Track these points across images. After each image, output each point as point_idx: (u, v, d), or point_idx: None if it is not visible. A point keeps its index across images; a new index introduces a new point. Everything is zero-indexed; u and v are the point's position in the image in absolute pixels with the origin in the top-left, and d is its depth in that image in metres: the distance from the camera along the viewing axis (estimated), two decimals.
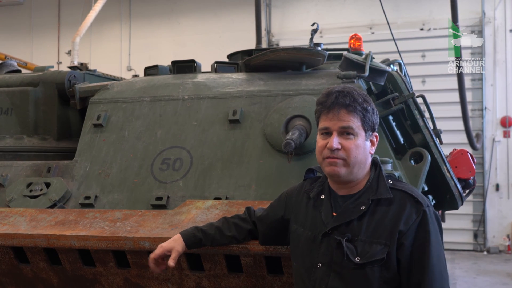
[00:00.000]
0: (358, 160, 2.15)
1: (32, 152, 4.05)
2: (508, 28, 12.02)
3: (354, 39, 4.46)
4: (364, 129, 2.16)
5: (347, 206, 2.16)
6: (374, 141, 2.22)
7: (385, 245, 2.04)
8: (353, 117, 2.14)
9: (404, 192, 2.12)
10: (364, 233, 2.08)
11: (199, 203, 3.08)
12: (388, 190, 2.12)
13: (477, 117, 11.97)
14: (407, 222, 2.05)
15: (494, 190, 11.92)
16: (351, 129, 2.13)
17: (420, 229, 2.05)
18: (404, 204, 2.08)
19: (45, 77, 4.17)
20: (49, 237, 2.95)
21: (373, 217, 2.10)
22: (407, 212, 2.06)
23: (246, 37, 11.72)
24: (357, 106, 2.13)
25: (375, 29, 12.29)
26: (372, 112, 2.18)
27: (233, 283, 2.93)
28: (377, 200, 2.12)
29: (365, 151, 2.17)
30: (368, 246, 2.06)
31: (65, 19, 15.03)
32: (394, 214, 2.07)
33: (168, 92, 3.74)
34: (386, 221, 2.07)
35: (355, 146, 2.14)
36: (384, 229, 2.06)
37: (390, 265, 2.04)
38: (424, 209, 2.07)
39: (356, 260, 2.05)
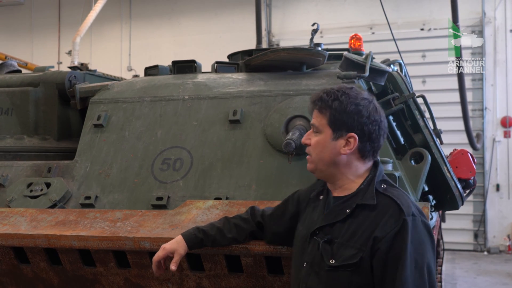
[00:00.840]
0: (320, 158, 2.20)
1: (33, 152, 4.05)
2: (509, 28, 12.02)
3: (354, 39, 4.46)
4: (332, 127, 2.16)
5: (333, 208, 2.18)
6: (350, 142, 2.16)
7: (359, 249, 2.02)
8: (319, 115, 2.20)
9: (390, 198, 2.08)
10: (343, 236, 2.08)
11: (200, 203, 3.08)
12: (373, 196, 2.10)
13: (478, 117, 11.96)
14: (383, 229, 2.00)
15: (495, 190, 11.91)
16: (314, 126, 2.22)
17: (397, 238, 1.98)
18: (385, 211, 2.04)
19: (46, 77, 4.17)
20: (49, 237, 2.95)
21: (354, 221, 2.08)
22: (385, 219, 2.02)
23: (247, 37, 11.72)
24: (323, 104, 2.18)
25: (375, 29, 12.28)
26: (342, 110, 2.15)
27: (233, 283, 2.93)
28: (362, 205, 2.10)
29: (330, 150, 2.17)
30: (343, 249, 2.05)
31: (66, 19, 15.03)
32: (375, 220, 2.04)
33: (168, 92, 3.74)
34: (364, 226, 2.05)
35: (317, 143, 2.21)
36: (362, 234, 2.04)
37: (362, 270, 2.02)
38: (405, 217, 1.99)
39: (331, 262, 2.07)
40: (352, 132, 2.15)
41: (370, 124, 2.16)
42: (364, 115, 2.15)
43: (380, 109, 2.23)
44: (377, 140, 2.19)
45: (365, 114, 2.15)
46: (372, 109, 2.17)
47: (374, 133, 2.16)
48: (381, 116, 2.20)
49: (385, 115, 3.38)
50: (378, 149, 2.22)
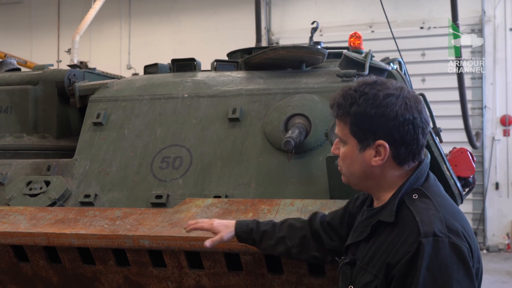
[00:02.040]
0: (351, 172, 1.86)
1: (32, 150, 4.04)
2: (508, 26, 12.03)
3: (354, 38, 4.46)
4: (356, 137, 1.82)
5: (359, 224, 1.91)
6: (380, 151, 1.79)
7: (375, 276, 1.72)
8: (341, 124, 1.86)
9: (411, 213, 1.72)
10: (363, 258, 1.80)
11: (199, 201, 3.08)
12: (392, 212, 1.76)
13: (477, 115, 11.98)
14: (397, 253, 1.67)
15: (494, 189, 11.93)
16: (339, 136, 1.88)
17: (411, 265, 1.63)
18: (404, 230, 1.70)
19: (45, 75, 4.16)
20: (49, 236, 2.95)
21: (376, 240, 1.78)
22: (402, 240, 1.68)
23: (246, 35, 11.72)
24: (340, 111, 1.84)
25: (375, 28, 12.29)
26: (363, 115, 1.78)
27: (232, 281, 2.93)
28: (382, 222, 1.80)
29: (360, 163, 1.83)
30: (362, 274, 1.78)
31: (65, 18, 15.03)
32: (393, 241, 1.72)
33: (167, 90, 3.74)
34: (383, 248, 1.74)
35: (343, 155, 1.87)
36: (379, 257, 1.73)
37: None
38: (420, 239, 1.62)
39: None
40: (380, 140, 1.78)
41: (400, 126, 1.76)
42: (390, 117, 1.76)
43: (414, 101, 1.83)
44: (414, 142, 1.80)
45: (392, 115, 1.76)
46: (400, 106, 1.77)
47: (408, 135, 1.77)
48: (413, 112, 1.78)
49: None
50: (418, 150, 1.83)
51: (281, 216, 2.81)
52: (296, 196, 3.09)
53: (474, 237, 1.77)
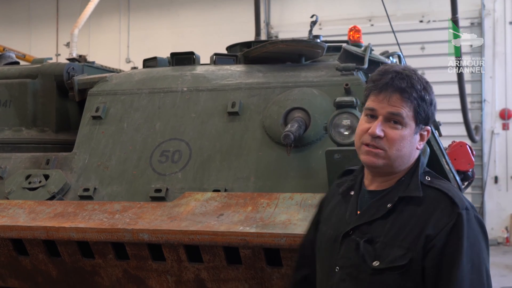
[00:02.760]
0: (401, 154, 1.87)
1: (31, 144, 4.04)
2: (508, 20, 12.00)
3: (353, 31, 4.45)
4: (416, 120, 1.86)
5: (372, 204, 1.91)
6: (424, 136, 1.92)
7: (408, 249, 1.77)
8: (405, 105, 1.85)
9: (439, 190, 1.83)
10: (387, 234, 1.82)
11: (198, 195, 3.08)
12: (419, 188, 1.85)
13: (476, 109, 11.96)
14: (437, 225, 1.76)
15: (493, 183, 11.93)
16: (400, 117, 1.84)
17: (452, 234, 1.74)
18: (436, 205, 1.80)
19: (44, 69, 4.16)
20: (48, 229, 2.95)
21: (399, 216, 1.83)
22: (438, 214, 1.78)
23: (245, 29, 11.68)
24: (413, 93, 1.85)
25: (374, 21, 12.26)
26: (429, 103, 1.88)
27: (232, 275, 2.93)
28: (406, 198, 1.85)
29: (411, 145, 1.88)
30: (389, 249, 1.79)
31: (64, 11, 14.98)
32: (423, 215, 1.79)
33: (167, 84, 3.73)
34: (412, 222, 1.80)
35: (400, 138, 1.85)
36: (410, 231, 1.79)
37: (412, 273, 1.77)
38: (460, 211, 1.76)
39: (374, 264, 1.80)
40: (428, 126, 1.92)
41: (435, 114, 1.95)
42: (435, 105, 1.91)
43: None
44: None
45: (435, 103, 1.92)
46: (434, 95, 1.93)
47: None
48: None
49: None
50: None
51: (280, 209, 2.82)
52: (295, 190, 3.09)
53: None
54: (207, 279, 2.99)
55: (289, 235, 2.62)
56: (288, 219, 2.74)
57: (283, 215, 2.78)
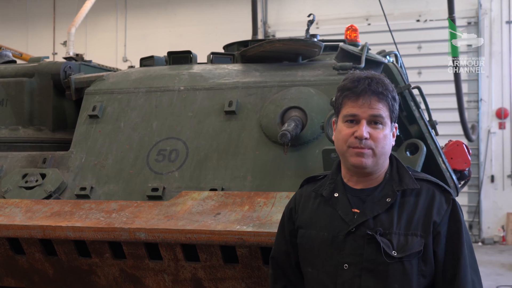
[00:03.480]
0: (385, 151, 2.04)
1: (28, 143, 4.04)
2: (504, 19, 12.02)
3: (350, 30, 4.45)
4: (391, 119, 2.06)
5: (372, 200, 2.03)
6: (394, 133, 2.11)
7: (421, 236, 1.95)
8: (383, 106, 2.02)
9: (430, 182, 2.06)
10: (397, 226, 1.96)
11: (195, 194, 3.08)
12: (414, 181, 2.04)
13: (473, 108, 11.99)
14: (439, 212, 1.99)
15: (489, 182, 11.96)
16: (381, 118, 2.01)
17: (452, 219, 2.00)
18: (433, 194, 2.02)
19: (41, 68, 4.15)
20: (44, 228, 2.95)
21: (402, 209, 2.00)
22: (437, 202, 2.00)
23: (243, 28, 11.69)
24: (388, 94, 2.03)
25: (371, 21, 12.27)
26: (397, 102, 2.09)
27: (228, 274, 2.93)
28: (403, 191, 2.02)
29: (391, 142, 2.07)
30: (404, 239, 1.95)
31: (61, 10, 14.96)
32: (425, 205, 2.00)
33: (164, 83, 3.73)
34: (418, 212, 1.99)
35: (384, 136, 2.02)
36: (418, 220, 1.97)
37: (427, 257, 1.96)
38: (452, 198, 2.03)
39: (394, 254, 1.93)
40: (396, 122, 2.12)
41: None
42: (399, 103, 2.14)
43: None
44: None
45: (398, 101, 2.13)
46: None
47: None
48: None
49: None
50: None
51: (277, 208, 2.82)
52: (292, 188, 3.08)
53: None
54: (204, 278, 2.99)
55: None
56: None
57: (279, 214, 2.76)
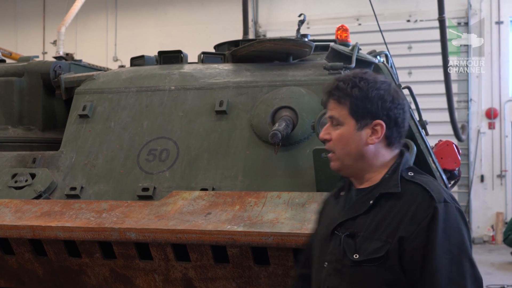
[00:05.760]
0: (346, 152, 1.97)
1: (17, 142, 4.02)
2: (494, 20, 12.09)
3: (341, 31, 4.46)
4: (355, 117, 1.94)
5: (356, 201, 1.99)
6: (377, 130, 1.95)
7: (385, 242, 1.83)
8: (337, 106, 1.97)
9: (418, 185, 1.89)
10: (367, 228, 1.89)
11: (186, 194, 3.08)
12: (397, 184, 1.91)
13: (463, 108, 12.05)
14: (414, 218, 1.82)
15: (479, 181, 12.03)
16: (334, 118, 1.98)
17: (429, 228, 1.79)
18: (414, 199, 1.86)
19: (30, 67, 4.13)
20: (34, 228, 2.94)
21: (380, 211, 1.90)
22: (415, 208, 1.83)
23: (233, 28, 11.68)
24: (341, 94, 1.96)
25: (362, 21, 12.30)
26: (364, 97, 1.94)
27: (219, 273, 2.93)
28: (386, 194, 1.91)
29: (357, 142, 1.95)
30: (369, 242, 1.86)
31: (50, 9, 14.89)
32: (401, 210, 1.85)
33: (154, 82, 3.72)
34: (391, 216, 1.86)
35: (339, 136, 1.97)
36: (388, 224, 1.85)
37: (390, 265, 1.82)
38: (436, 205, 1.81)
39: (354, 257, 1.87)
40: (378, 119, 1.95)
41: (395, 109, 1.97)
42: (388, 100, 1.96)
43: (401, 92, 2.06)
44: (403, 125, 2.01)
45: (389, 98, 1.96)
46: (394, 92, 1.99)
47: (400, 117, 1.97)
48: (404, 99, 2.02)
49: None
50: (404, 134, 2.04)
51: (268, 208, 2.82)
52: (283, 188, 3.09)
53: None
54: (194, 278, 2.98)
55: (277, 233, 2.63)
56: (276, 217, 2.75)
57: (270, 214, 2.78)
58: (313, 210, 2.76)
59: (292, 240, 2.61)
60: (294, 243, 2.62)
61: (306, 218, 2.71)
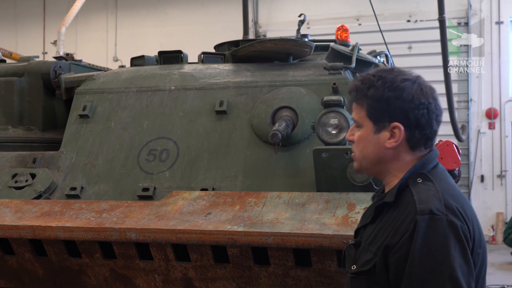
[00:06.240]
0: (364, 154, 1.88)
1: (17, 143, 4.02)
2: (494, 20, 12.08)
3: (341, 31, 4.46)
4: (372, 119, 1.84)
5: (368, 208, 1.94)
6: (395, 133, 1.82)
7: (374, 254, 1.75)
8: (358, 107, 1.88)
9: (411, 194, 1.76)
10: (367, 239, 1.83)
11: (186, 194, 3.08)
12: (393, 194, 1.80)
13: (463, 108, 12.04)
14: (398, 232, 1.70)
15: (479, 181, 12.02)
16: (355, 121, 1.90)
17: (408, 242, 1.66)
18: (404, 209, 1.74)
19: (30, 67, 4.14)
20: (34, 228, 2.94)
21: (380, 221, 1.82)
22: (401, 219, 1.72)
23: (233, 28, 11.69)
24: (359, 95, 1.87)
25: (362, 21, 12.30)
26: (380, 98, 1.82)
27: (219, 273, 2.93)
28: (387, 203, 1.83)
29: (374, 145, 1.85)
30: (364, 254, 1.80)
31: (51, 9, 14.88)
32: (394, 220, 1.75)
33: (154, 82, 3.72)
34: (384, 228, 1.77)
35: (359, 138, 1.89)
36: (380, 237, 1.76)
37: (378, 279, 1.74)
38: (416, 217, 1.67)
39: (352, 268, 1.82)
40: (396, 122, 1.81)
41: (416, 109, 1.81)
42: (407, 99, 1.81)
43: (430, 88, 1.88)
44: (428, 126, 1.83)
45: (408, 97, 1.81)
46: (416, 90, 1.83)
47: (423, 118, 1.81)
48: (428, 97, 1.84)
49: None
50: (432, 136, 1.87)
51: (268, 208, 2.82)
52: (283, 188, 3.09)
53: (477, 222, 1.80)
54: (194, 278, 2.98)
55: (277, 234, 2.63)
56: (276, 218, 2.75)
57: (270, 214, 2.78)
58: (313, 210, 2.77)
59: (292, 240, 2.61)
60: (294, 243, 2.62)
61: (306, 218, 2.71)
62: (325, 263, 2.73)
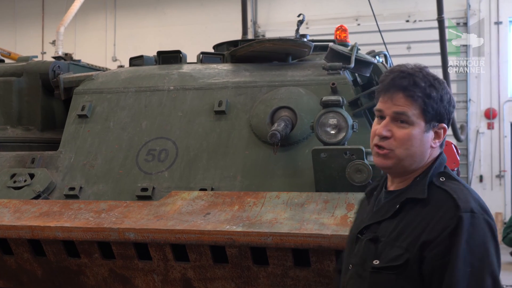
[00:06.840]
0: (410, 153, 1.84)
1: (16, 143, 4.02)
2: (493, 20, 12.09)
3: (340, 31, 4.47)
4: (425, 119, 1.82)
5: (384, 204, 1.91)
6: (440, 133, 1.86)
7: (406, 250, 1.74)
8: (410, 103, 1.82)
9: (445, 192, 1.77)
10: (390, 234, 1.81)
11: (185, 194, 3.08)
12: (425, 190, 1.81)
13: (462, 108, 12.05)
14: (437, 226, 1.71)
15: (478, 182, 12.03)
16: (405, 116, 1.82)
17: (451, 238, 1.68)
18: (440, 206, 1.75)
19: (29, 67, 4.13)
20: (33, 229, 2.93)
21: (405, 217, 1.80)
22: (438, 216, 1.73)
23: (232, 28, 11.68)
24: (417, 91, 1.81)
25: (361, 21, 12.30)
26: (439, 99, 1.83)
27: (218, 274, 2.93)
28: (413, 199, 1.82)
29: (423, 144, 1.84)
30: (389, 248, 1.78)
31: (50, 9, 14.87)
32: (426, 217, 1.75)
33: (153, 82, 3.72)
34: (415, 224, 1.76)
35: (408, 137, 1.82)
36: (411, 232, 1.76)
37: (409, 275, 1.74)
38: (461, 214, 1.69)
39: (374, 263, 1.80)
40: (443, 123, 1.86)
41: (453, 112, 1.90)
42: (452, 103, 1.87)
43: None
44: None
45: (452, 101, 1.88)
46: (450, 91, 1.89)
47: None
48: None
49: (370, 107, 3.41)
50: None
51: (267, 208, 2.82)
52: (282, 188, 3.09)
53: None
54: (193, 278, 2.98)
55: (276, 234, 2.63)
56: (275, 218, 2.75)
57: (269, 214, 2.78)
58: (312, 210, 2.77)
59: (291, 240, 2.61)
60: (293, 243, 2.62)
61: (305, 218, 2.71)
62: (324, 263, 2.73)
